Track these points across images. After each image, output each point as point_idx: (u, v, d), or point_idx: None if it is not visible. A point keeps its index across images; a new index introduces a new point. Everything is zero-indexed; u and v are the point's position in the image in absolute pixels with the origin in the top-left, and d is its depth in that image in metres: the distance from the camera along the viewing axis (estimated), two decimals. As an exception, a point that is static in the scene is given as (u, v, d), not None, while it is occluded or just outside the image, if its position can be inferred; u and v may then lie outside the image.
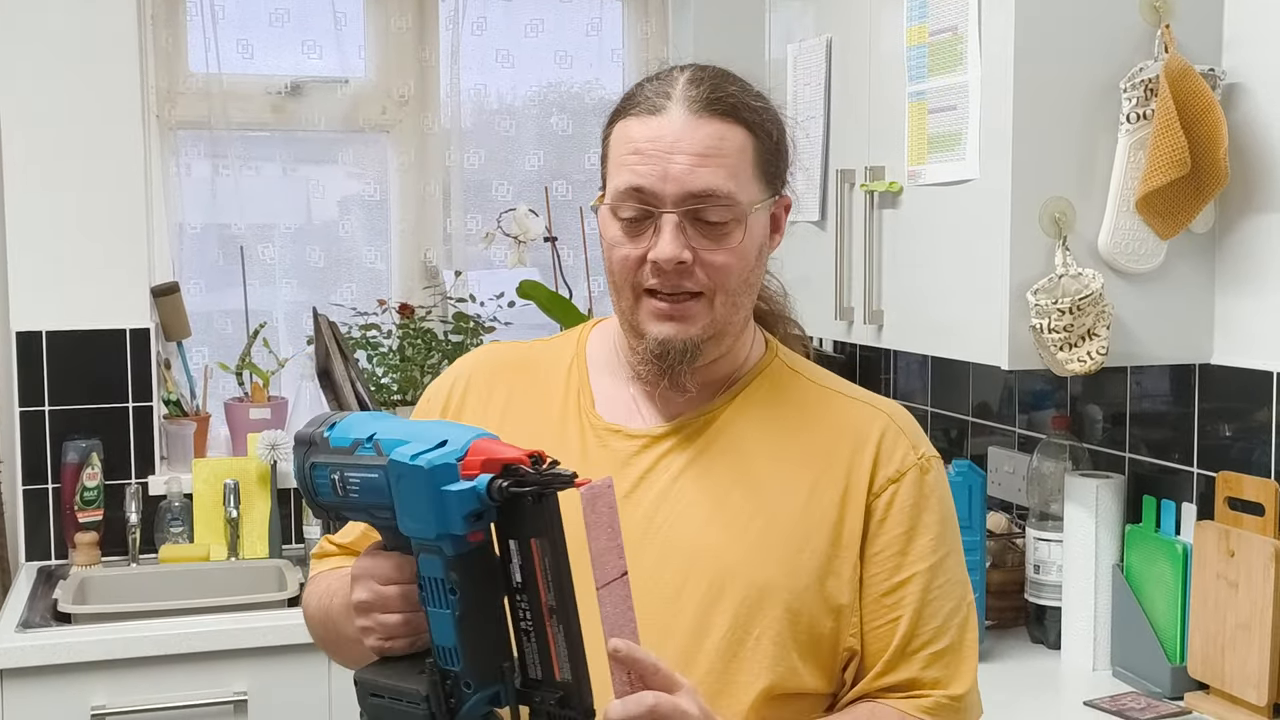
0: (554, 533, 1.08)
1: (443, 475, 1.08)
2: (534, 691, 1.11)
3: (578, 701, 1.09)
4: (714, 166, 1.27)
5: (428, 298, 3.26)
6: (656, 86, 1.32)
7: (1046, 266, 1.96)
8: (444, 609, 1.10)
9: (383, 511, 1.15)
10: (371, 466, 1.14)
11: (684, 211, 1.27)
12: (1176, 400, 2.21)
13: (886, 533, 1.32)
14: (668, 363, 1.31)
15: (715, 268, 1.29)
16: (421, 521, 1.09)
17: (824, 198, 2.48)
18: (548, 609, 1.09)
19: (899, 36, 2.22)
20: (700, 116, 1.28)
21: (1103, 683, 2.14)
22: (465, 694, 1.11)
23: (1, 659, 2.43)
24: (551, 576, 1.08)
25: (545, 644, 1.10)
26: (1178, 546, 2.07)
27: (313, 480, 1.20)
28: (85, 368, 2.97)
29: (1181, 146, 1.91)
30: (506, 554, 1.11)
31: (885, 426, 1.36)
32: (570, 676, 1.09)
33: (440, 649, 1.12)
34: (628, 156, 1.29)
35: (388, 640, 1.18)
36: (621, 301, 1.33)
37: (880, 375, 3.07)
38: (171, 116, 3.13)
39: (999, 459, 2.65)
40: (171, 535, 2.99)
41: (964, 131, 2.06)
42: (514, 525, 1.10)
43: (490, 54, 3.34)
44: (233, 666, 2.53)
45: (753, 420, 1.36)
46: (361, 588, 1.18)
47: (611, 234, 1.31)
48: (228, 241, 3.21)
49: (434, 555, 1.10)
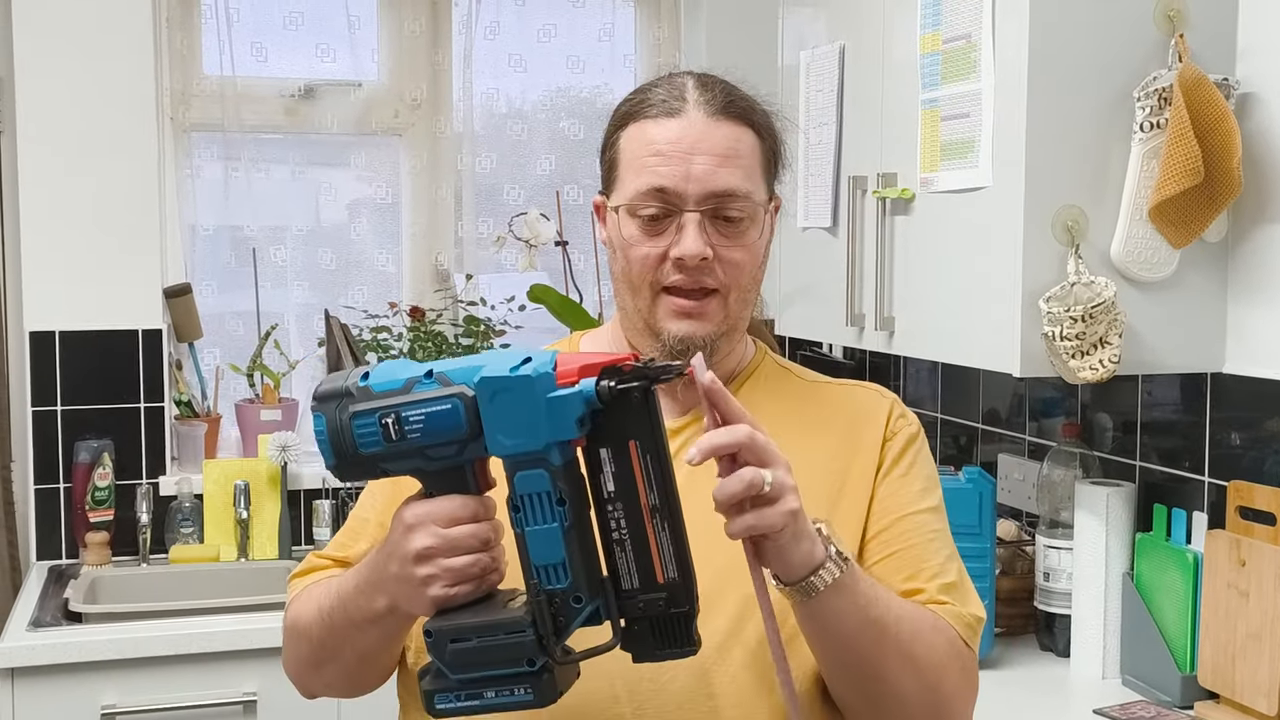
0: (657, 430, 1.08)
1: (547, 383, 1.07)
2: (631, 600, 1.10)
3: (686, 597, 1.09)
4: (732, 167, 1.32)
5: (439, 301, 3.27)
6: (666, 91, 1.35)
7: (1059, 274, 1.96)
8: (551, 523, 1.09)
9: (444, 448, 1.12)
10: (440, 398, 1.11)
11: (705, 210, 1.31)
12: (1188, 409, 2.21)
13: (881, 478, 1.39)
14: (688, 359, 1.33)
15: (732, 264, 1.33)
16: (527, 434, 1.08)
17: (836, 204, 2.48)
18: (649, 510, 1.08)
19: (912, 44, 2.22)
20: (717, 119, 1.33)
21: (1112, 691, 2.14)
22: (575, 609, 1.10)
23: (12, 658, 2.43)
24: (654, 475, 1.08)
25: (645, 548, 1.09)
26: (1188, 555, 2.07)
27: (353, 432, 1.14)
28: (97, 368, 2.98)
29: (1195, 155, 1.91)
30: (596, 463, 1.10)
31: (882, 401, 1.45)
32: (677, 575, 1.09)
33: (542, 568, 1.09)
34: (648, 158, 1.32)
35: (453, 586, 1.13)
36: (638, 301, 1.35)
37: (890, 382, 3.08)
38: (185, 118, 3.14)
39: (1009, 466, 2.65)
40: (182, 536, 3.00)
41: (977, 139, 2.06)
42: (607, 432, 1.09)
43: (503, 58, 3.35)
44: (242, 667, 2.53)
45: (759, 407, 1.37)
46: (423, 534, 1.13)
47: (629, 233, 1.34)
48: (240, 243, 3.22)
49: (538, 468, 1.08)
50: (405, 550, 1.14)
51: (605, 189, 1.40)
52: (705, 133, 1.32)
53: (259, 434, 3.08)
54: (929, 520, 1.38)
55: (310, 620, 1.33)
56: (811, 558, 1.17)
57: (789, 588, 1.18)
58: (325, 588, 1.33)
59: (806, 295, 2.63)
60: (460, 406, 1.10)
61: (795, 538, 1.14)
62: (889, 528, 1.36)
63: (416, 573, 1.14)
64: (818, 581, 1.17)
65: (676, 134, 1.32)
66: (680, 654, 1.11)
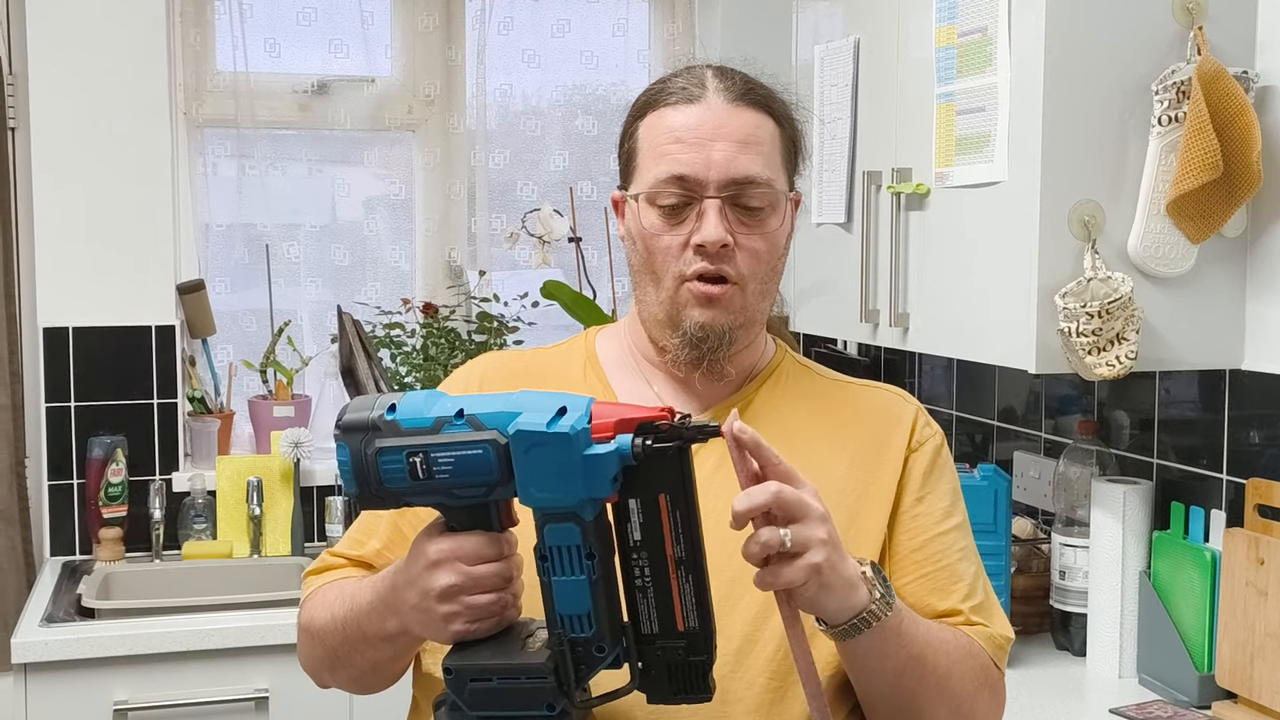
0: (688, 486, 1.09)
1: (585, 440, 1.06)
2: (650, 645, 1.11)
3: (705, 646, 1.10)
4: (753, 154, 1.31)
5: (452, 297, 3.26)
6: (685, 79, 1.35)
7: (1075, 270, 1.95)
8: (579, 576, 1.09)
9: (472, 490, 1.11)
10: (473, 443, 1.10)
11: (726, 197, 1.30)
12: (1206, 406, 2.19)
13: (910, 495, 1.37)
14: (707, 347, 1.33)
15: (752, 253, 1.32)
16: (561, 490, 1.07)
17: (850, 199, 2.47)
18: (674, 561, 1.09)
19: (927, 37, 2.20)
20: (737, 106, 1.32)
21: (1129, 690, 2.12)
22: (597, 658, 1.10)
23: (26, 653, 2.44)
24: (682, 529, 1.09)
25: (667, 597, 1.10)
26: (1206, 554, 2.05)
27: (378, 467, 1.13)
28: (111, 364, 2.98)
29: (1214, 149, 1.89)
30: (624, 513, 1.10)
31: (907, 407, 1.43)
32: (697, 624, 1.10)
33: (568, 618, 1.10)
34: (668, 146, 1.31)
35: (474, 624, 1.14)
36: (660, 291, 1.34)
37: (905, 379, 3.06)
38: (199, 115, 3.14)
39: (1025, 464, 2.63)
40: (195, 532, 3.00)
41: (992, 133, 2.04)
42: (638, 484, 1.09)
43: (517, 54, 3.34)
44: (254, 663, 2.53)
45: (781, 408, 1.39)
46: (448, 572, 1.13)
47: (649, 223, 1.32)
48: (253, 240, 3.22)
49: (568, 523, 1.08)
50: (428, 586, 1.14)
51: (624, 181, 1.38)
52: (725, 119, 1.31)
53: (272, 430, 3.08)
54: (957, 538, 1.38)
55: (323, 625, 1.34)
56: (849, 604, 1.17)
57: (829, 630, 1.19)
58: (339, 593, 1.33)
59: (821, 291, 2.61)
60: (492, 453, 1.09)
61: (824, 588, 1.14)
62: (921, 548, 1.36)
63: (439, 609, 1.14)
64: (860, 625, 1.18)
65: (696, 120, 1.31)
66: (695, 700, 1.12)
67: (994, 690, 1.35)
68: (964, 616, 1.34)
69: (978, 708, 1.32)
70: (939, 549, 1.36)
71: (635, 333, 1.42)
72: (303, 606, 1.40)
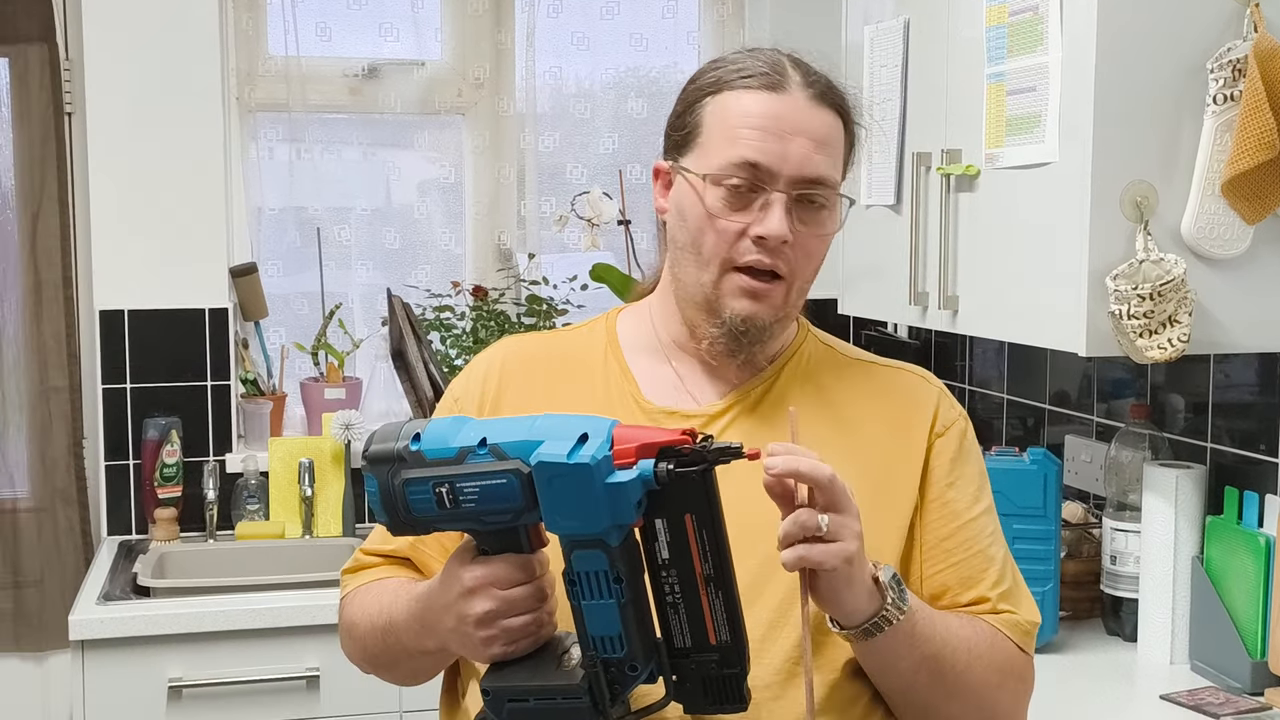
0: (714, 505, 1.10)
1: (606, 469, 1.08)
2: (684, 659, 1.13)
3: (738, 659, 1.12)
4: (826, 155, 1.31)
5: (501, 280, 3.27)
6: (764, 64, 1.32)
7: (1127, 251, 1.92)
8: (608, 599, 1.10)
9: (499, 516, 1.13)
10: (496, 472, 1.11)
11: (794, 193, 1.29)
12: (1262, 389, 2.15)
13: (939, 482, 1.36)
14: (747, 340, 1.33)
15: (806, 252, 1.32)
16: (586, 518, 1.08)
17: (900, 181, 2.45)
18: (703, 578, 1.11)
19: (978, 17, 2.18)
20: (818, 104, 1.32)
21: (1180, 677, 2.10)
22: (630, 677, 1.12)
23: (83, 630, 2.48)
24: (709, 547, 1.10)
25: (698, 612, 1.11)
26: (1260, 539, 2.02)
27: (406, 498, 1.15)
28: (165, 346, 3.02)
29: (1270, 128, 1.86)
30: (651, 533, 1.11)
31: (929, 388, 1.42)
32: (729, 638, 1.12)
33: (599, 639, 1.12)
34: (744, 130, 1.29)
35: (512, 645, 1.17)
36: (704, 274, 1.32)
37: (956, 362, 3.04)
38: (251, 99, 3.17)
39: (1076, 448, 2.60)
40: (248, 512, 3.04)
41: (1043, 113, 2.02)
42: (664, 504, 1.10)
43: (566, 37, 3.34)
44: (306, 642, 2.56)
45: (803, 390, 1.38)
46: (484, 598, 1.16)
47: (712, 203, 1.30)
48: (305, 224, 3.25)
49: (595, 549, 1.10)
50: (465, 612, 1.17)
51: (677, 153, 1.35)
52: (808, 116, 1.30)
53: (323, 412, 3.10)
54: (986, 523, 1.38)
55: (365, 633, 1.38)
56: (864, 606, 1.19)
57: (844, 631, 1.21)
58: (377, 601, 1.36)
59: (869, 274, 2.60)
60: (516, 483, 1.11)
61: (848, 581, 1.16)
62: (951, 535, 1.35)
63: (477, 634, 1.17)
64: (873, 629, 1.20)
65: (778, 110, 1.29)
66: (731, 710, 1.14)
67: (1020, 676, 1.35)
68: (991, 604, 1.34)
69: (1001, 699, 1.33)
70: (969, 536, 1.35)
71: (664, 312, 1.41)
72: (342, 606, 1.44)
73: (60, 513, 2.99)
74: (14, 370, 3.00)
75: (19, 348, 3.00)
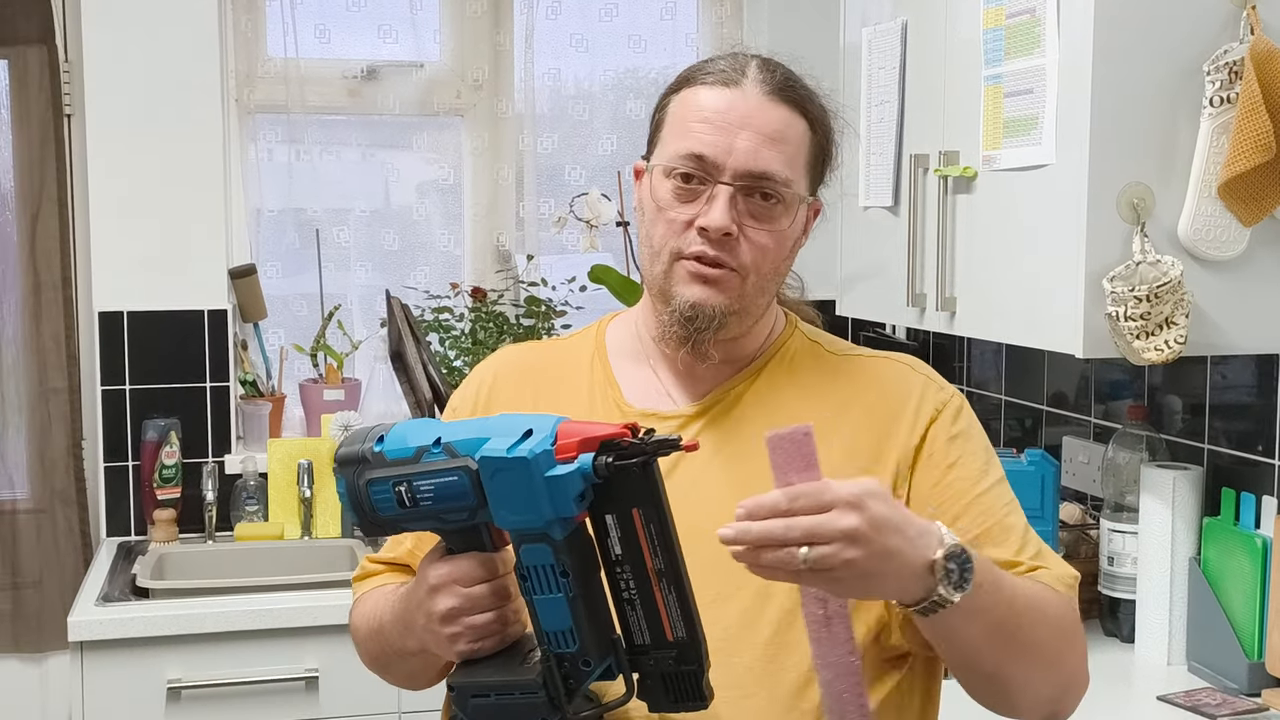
0: (658, 499, 1.10)
1: (545, 462, 1.09)
2: (644, 656, 1.14)
3: (695, 655, 1.13)
4: (776, 151, 1.30)
5: (500, 281, 3.28)
6: (728, 62, 1.34)
7: (1124, 253, 1.92)
8: (555, 593, 1.12)
9: (457, 514, 1.16)
10: (448, 470, 1.14)
11: (739, 186, 1.29)
12: (1259, 391, 2.16)
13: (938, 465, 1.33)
14: (695, 327, 1.31)
15: (756, 247, 1.31)
16: (527, 511, 1.10)
17: (897, 183, 2.45)
18: (655, 573, 1.11)
19: (975, 19, 2.18)
20: (773, 99, 1.31)
21: (1177, 678, 2.10)
22: (584, 672, 1.13)
23: (82, 632, 2.48)
24: (659, 541, 1.11)
25: (653, 608, 1.12)
26: (1257, 540, 2.02)
27: (370, 497, 1.19)
28: (165, 348, 3.02)
29: (1266, 131, 1.87)
30: (603, 529, 1.12)
31: (914, 375, 1.39)
32: (685, 634, 1.12)
33: (552, 634, 1.13)
34: (695, 124, 1.31)
35: (477, 642, 1.19)
36: (656, 266, 1.34)
37: (954, 363, 3.04)
38: (250, 101, 3.17)
39: (1073, 449, 2.61)
40: (247, 514, 3.04)
41: (1040, 115, 2.02)
42: (611, 499, 1.11)
43: (565, 38, 3.34)
44: (305, 643, 2.56)
45: (781, 391, 1.38)
46: (446, 595, 1.18)
47: (661, 195, 1.32)
48: (304, 225, 3.25)
49: (540, 543, 1.11)
50: (431, 609, 1.19)
51: (649, 151, 1.38)
52: (756, 109, 1.30)
53: (322, 413, 3.11)
54: (1000, 493, 1.34)
55: (364, 636, 1.42)
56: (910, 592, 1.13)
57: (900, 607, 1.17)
58: (374, 605, 1.39)
59: (867, 275, 2.60)
60: (466, 479, 1.13)
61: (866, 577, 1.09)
62: (964, 513, 1.31)
63: (443, 631, 1.19)
64: (926, 610, 1.14)
65: (728, 104, 1.30)
66: (692, 708, 1.15)
67: (1078, 632, 1.30)
68: (1025, 567, 1.29)
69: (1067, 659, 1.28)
70: (982, 509, 1.31)
71: (645, 314, 1.41)
72: (350, 613, 1.47)
73: (59, 514, 3.00)
74: (13, 371, 3.01)
75: (18, 349, 3.00)
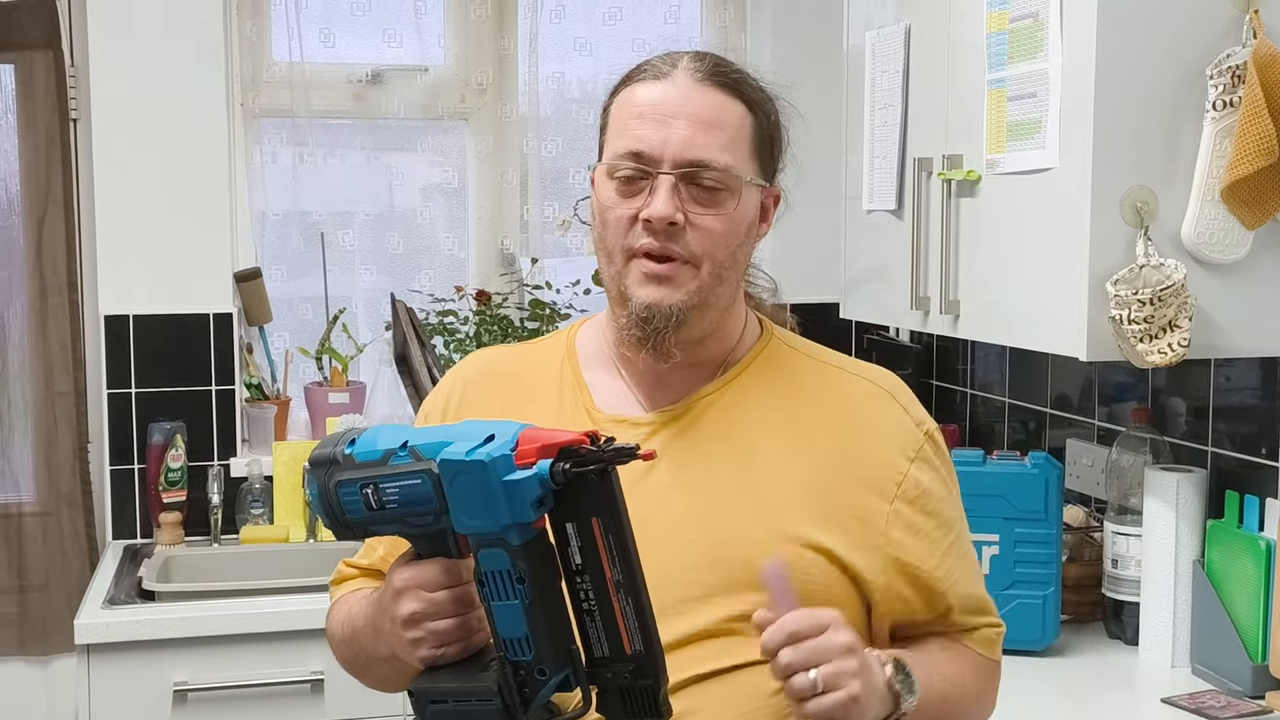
0: (616, 508, 1.10)
1: (503, 466, 1.09)
2: (603, 669, 1.13)
3: (651, 669, 1.12)
4: (712, 136, 1.30)
5: (504, 284, 3.28)
6: (662, 59, 1.35)
7: (1127, 257, 1.93)
8: (512, 600, 1.12)
9: (422, 518, 1.16)
10: (412, 473, 1.15)
11: (679, 174, 1.29)
12: (1263, 394, 2.16)
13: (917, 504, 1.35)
14: (653, 327, 1.31)
15: (705, 232, 1.30)
16: (485, 516, 1.10)
17: (901, 186, 2.46)
18: (613, 585, 1.11)
19: (979, 23, 2.19)
20: (703, 85, 1.31)
21: (1181, 680, 2.11)
22: (539, 681, 1.13)
23: (88, 634, 2.49)
24: (616, 552, 1.10)
25: (612, 620, 1.11)
26: (1261, 543, 2.03)
27: (340, 499, 1.19)
28: (170, 351, 3.03)
29: (1269, 134, 1.87)
30: (564, 537, 1.12)
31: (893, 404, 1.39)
32: (642, 647, 1.11)
33: (508, 641, 1.13)
34: (630, 121, 1.31)
35: (440, 648, 1.19)
36: (611, 266, 1.34)
37: (958, 365, 3.04)
38: (255, 105, 3.18)
39: (1077, 451, 2.61)
40: (252, 516, 3.05)
41: (1044, 119, 2.03)
42: (572, 508, 1.11)
43: (568, 42, 3.35)
44: (310, 646, 2.56)
45: (752, 400, 1.37)
46: (409, 599, 1.18)
47: (606, 195, 1.33)
48: (309, 228, 3.26)
49: (497, 548, 1.11)
50: (395, 613, 1.20)
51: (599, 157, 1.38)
52: (687, 97, 1.30)
53: (327, 416, 3.11)
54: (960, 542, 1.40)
55: (339, 640, 1.42)
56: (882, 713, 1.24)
57: None
58: (347, 610, 1.40)
59: (871, 278, 2.60)
60: (429, 483, 1.14)
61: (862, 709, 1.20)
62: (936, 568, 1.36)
63: (406, 635, 1.19)
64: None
65: (660, 97, 1.30)
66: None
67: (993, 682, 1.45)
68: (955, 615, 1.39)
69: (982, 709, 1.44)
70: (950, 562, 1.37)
71: (608, 320, 1.41)
72: (327, 617, 1.47)
73: (65, 517, 3.00)
74: (19, 375, 3.02)
75: (24, 353, 3.01)
